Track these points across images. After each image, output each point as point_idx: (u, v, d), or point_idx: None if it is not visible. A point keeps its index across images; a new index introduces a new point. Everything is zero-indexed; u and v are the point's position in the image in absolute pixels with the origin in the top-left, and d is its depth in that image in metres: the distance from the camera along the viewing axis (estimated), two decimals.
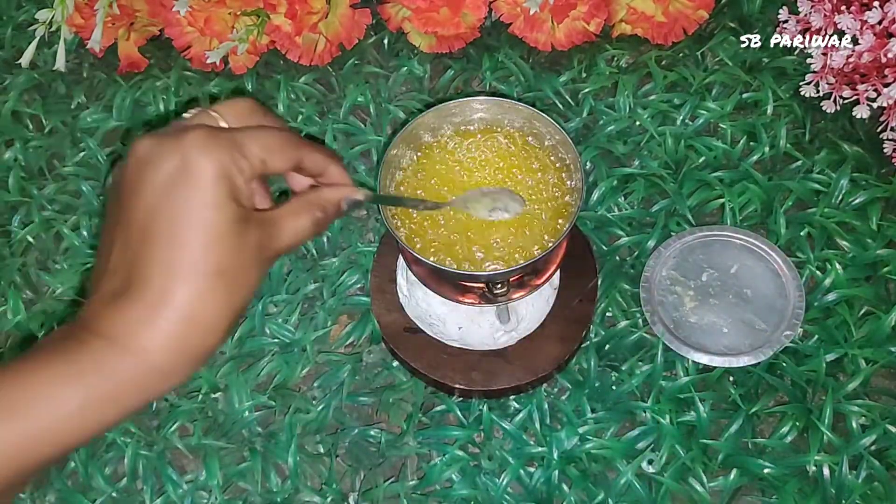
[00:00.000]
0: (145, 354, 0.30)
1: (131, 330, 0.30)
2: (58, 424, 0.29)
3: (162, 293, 0.30)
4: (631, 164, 0.66)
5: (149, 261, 0.31)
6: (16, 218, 0.67)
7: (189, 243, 0.31)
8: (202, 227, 0.31)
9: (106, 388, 0.30)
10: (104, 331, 0.30)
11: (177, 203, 0.31)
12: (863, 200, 0.61)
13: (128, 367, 0.30)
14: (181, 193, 0.31)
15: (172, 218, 0.31)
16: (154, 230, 0.31)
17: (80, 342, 0.30)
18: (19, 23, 0.80)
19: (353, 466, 0.55)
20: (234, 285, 0.32)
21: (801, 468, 0.52)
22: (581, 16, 0.69)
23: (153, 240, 0.31)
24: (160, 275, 0.30)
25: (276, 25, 0.69)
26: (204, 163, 0.31)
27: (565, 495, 0.52)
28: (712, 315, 0.58)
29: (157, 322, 0.30)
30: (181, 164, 0.31)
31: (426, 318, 0.57)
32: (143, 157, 0.32)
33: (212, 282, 0.31)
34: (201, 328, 0.31)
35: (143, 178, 0.31)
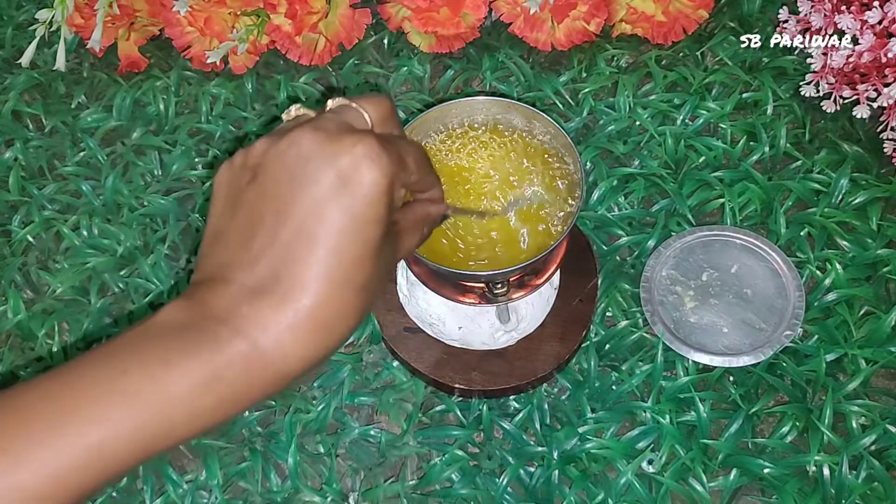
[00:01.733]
0: (283, 360, 0.30)
1: (268, 327, 0.29)
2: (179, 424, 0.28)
3: (310, 299, 0.30)
4: (631, 163, 0.66)
5: (302, 263, 0.30)
6: (16, 218, 0.67)
7: (349, 256, 0.30)
8: (364, 241, 0.30)
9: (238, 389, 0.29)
10: (244, 329, 0.29)
11: (343, 212, 0.29)
12: (863, 200, 0.61)
13: (261, 369, 0.29)
14: (349, 203, 0.30)
15: (336, 226, 0.30)
16: (313, 234, 0.30)
17: (220, 339, 0.29)
18: (19, 23, 0.80)
19: (353, 466, 0.55)
20: (369, 299, 0.32)
21: (801, 468, 0.52)
22: (581, 15, 0.69)
23: (310, 243, 0.30)
24: (312, 280, 0.29)
25: (276, 25, 0.69)
26: (377, 175, 0.30)
27: (565, 495, 0.52)
28: (712, 315, 0.58)
29: (303, 331, 0.30)
30: (353, 171, 0.30)
31: (426, 318, 0.57)
32: (309, 153, 0.30)
33: (355, 296, 0.31)
34: (331, 338, 0.31)
35: (308, 176, 0.30)
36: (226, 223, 0.33)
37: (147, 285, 0.62)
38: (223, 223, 0.33)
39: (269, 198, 0.31)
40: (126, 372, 0.28)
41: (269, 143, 0.32)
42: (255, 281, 0.30)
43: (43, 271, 0.64)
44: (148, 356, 0.28)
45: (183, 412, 0.28)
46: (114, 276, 0.63)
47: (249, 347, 0.29)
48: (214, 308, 0.30)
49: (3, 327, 0.62)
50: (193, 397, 0.28)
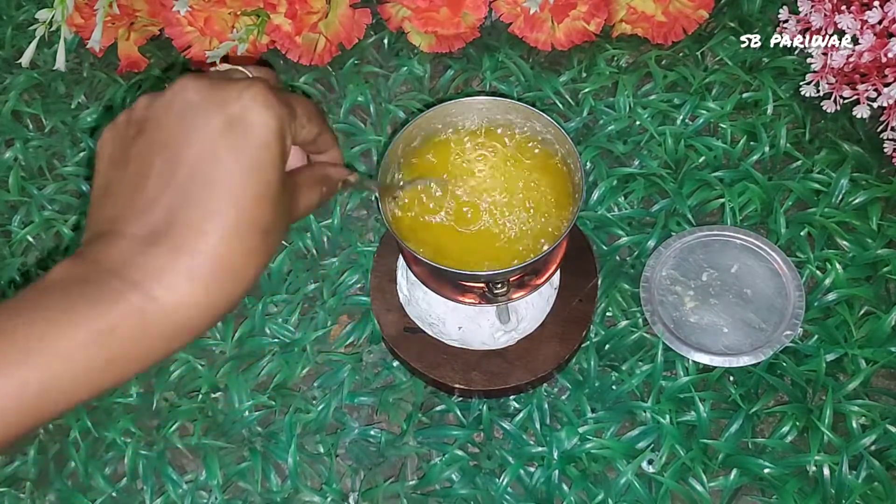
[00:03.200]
0: (185, 310, 0.29)
1: (165, 277, 0.28)
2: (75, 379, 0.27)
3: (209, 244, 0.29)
4: (631, 163, 0.66)
5: (199, 206, 0.29)
6: (16, 218, 0.67)
7: (246, 198, 0.29)
8: (260, 183, 0.30)
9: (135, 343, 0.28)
10: (138, 280, 0.28)
11: (237, 153, 0.29)
12: (863, 200, 0.61)
13: (160, 321, 0.28)
14: (243, 145, 0.29)
15: (231, 168, 0.29)
16: (208, 176, 0.29)
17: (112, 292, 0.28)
18: (19, 22, 0.80)
19: (353, 466, 0.55)
20: (272, 245, 0.31)
21: (801, 468, 0.52)
22: (581, 15, 0.69)
23: (206, 185, 0.29)
24: (210, 223, 0.29)
25: (276, 25, 0.69)
26: (267, 118, 0.30)
27: (565, 495, 0.52)
28: (712, 315, 0.58)
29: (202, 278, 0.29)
30: (243, 115, 0.30)
31: (426, 318, 0.57)
32: (197, 99, 0.30)
33: (258, 240, 0.30)
34: (237, 285, 0.30)
35: (197, 121, 0.30)
36: (114, 177, 0.32)
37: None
38: (110, 178, 0.32)
39: (157, 146, 0.30)
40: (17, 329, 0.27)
41: (151, 98, 0.32)
42: (149, 229, 0.29)
43: (43, 272, 0.64)
44: (35, 314, 0.27)
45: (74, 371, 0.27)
46: None
47: (144, 299, 0.28)
48: (106, 262, 0.29)
49: None
50: (85, 355, 0.27)
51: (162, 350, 0.29)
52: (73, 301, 0.28)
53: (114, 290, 0.28)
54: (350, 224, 0.65)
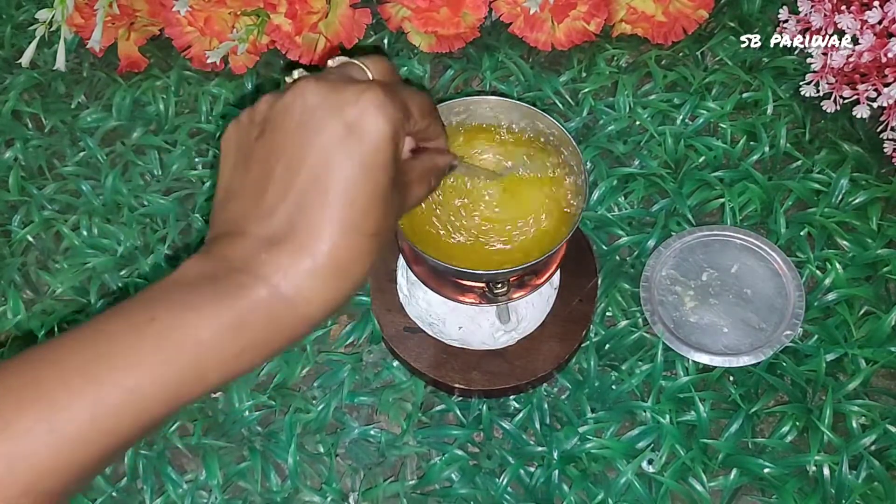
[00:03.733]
0: (306, 305, 0.30)
1: (287, 273, 0.30)
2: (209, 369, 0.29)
3: (326, 245, 0.30)
4: (631, 163, 0.66)
5: (316, 211, 0.30)
6: (16, 218, 0.67)
7: (360, 202, 0.31)
8: (373, 187, 0.31)
9: (264, 333, 0.30)
10: (264, 275, 0.30)
11: (352, 159, 0.30)
12: (863, 200, 0.61)
13: (284, 313, 0.30)
14: (358, 150, 0.30)
15: (346, 173, 0.30)
16: (324, 181, 0.30)
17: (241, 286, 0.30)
18: (19, 22, 0.80)
19: (352, 466, 0.55)
20: (380, 246, 0.32)
21: (801, 468, 0.52)
22: (581, 15, 0.69)
23: (323, 191, 0.30)
24: (326, 227, 0.30)
25: (276, 25, 0.69)
26: (382, 123, 0.31)
27: (565, 495, 0.52)
28: (712, 315, 0.58)
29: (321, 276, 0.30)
30: (359, 119, 0.30)
31: (426, 318, 0.57)
32: (317, 104, 0.31)
33: (367, 242, 0.31)
34: (349, 283, 0.32)
35: (315, 126, 0.31)
36: (237, 179, 0.33)
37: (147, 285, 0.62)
38: (234, 180, 0.34)
39: (278, 151, 0.32)
40: (154, 319, 0.29)
41: (273, 99, 0.33)
42: (272, 231, 0.31)
43: (43, 271, 0.64)
44: (173, 304, 0.29)
45: (212, 356, 0.29)
46: (114, 276, 0.63)
47: (271, 293, 0.30)
48: (233, 259, 0.31)
49: (3, 327, 0.62)
50: (222, 342, 0.29)
51: (286, 340, 0.31)
52: (206, 295, 0.30)
53: (242, 285, 0.30)
54: None
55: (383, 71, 0.35)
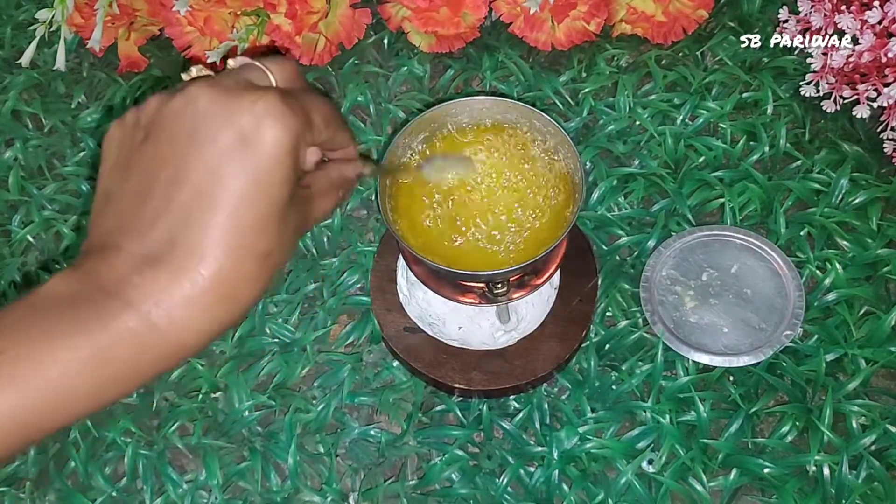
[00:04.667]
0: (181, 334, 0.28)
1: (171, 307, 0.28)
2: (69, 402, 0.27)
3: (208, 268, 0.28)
4: (631, 163, 0.66)
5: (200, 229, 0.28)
6: (16, 218, 0.67)
7: (251, 221, 0.28)
8: (267, 205, 0.29)
9: (129, 365, 0.28)
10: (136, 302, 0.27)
11: (244, 173, 0.28)
12: (863, 200, 0.61)
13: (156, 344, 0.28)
14: (250, 163, 0.28)
15: (237, 188, 0.28)
16: (211, 196, 0.28)
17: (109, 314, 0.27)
18: (19, 22, 0.80)
19: (353, 466, 0.55)
20: (273, 267, 0.30)
21: (801, 468, 0.52)
22: (581, 15, 0.69)
23: (209, 207, 0.28)
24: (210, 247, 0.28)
25: (276, 25, 0.69)
26: (279, 134, 0.28)
27: (565, 495, 0.52)
28: (712, 315, 0.58)
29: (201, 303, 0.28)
30: (254, 130, 0.28)
31: (426, 318, 0.57)
32: (207, 110, 0.28)
33: (258, 264, 0.29)
34: (235, 309, 0.29)
35: (206, 134, 0.28)
36: (117, 185, 0.30)
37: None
38: (114, 185, 0.31)
39: (163, 158, 0.29)
40: (3, 352, 0.26)
41: (163, 100, 0.30)
42: (149, 248, 0.28)
43: (43, 271, 0.64)
44: (26, 334, 0.27)
45: (68, 392, 0.27)
46: None
47: (140, 322, 0.27)
48: (103, 279, 0.28)
49: None
50: (79, 377, 0.27)
51: (155, 370, 0.29)
52: (68, 321, 0.27)
53: (109, 311, 0.27)
54: (350, 224, 0.65)
55: (287, 75, 0.32)
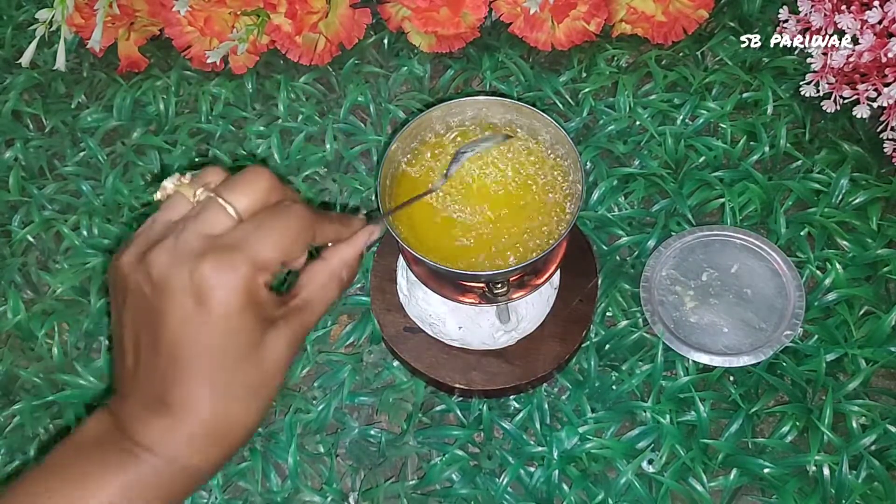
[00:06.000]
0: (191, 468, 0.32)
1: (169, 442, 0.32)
2: None
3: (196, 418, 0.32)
4: (631, 163, 0.66)
5: (181, 387, 0.31)
6: (16, 218, 0.67)
7: (224, 368, 0.32)
8: (234, 350, 0.32)
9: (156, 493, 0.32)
10: (146, 444, 0.32)
11: (204, 331, 0.31)
12: (863, 200, 0.61)
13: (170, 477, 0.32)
14: (207, 322, 0.31)
15: (202, 346, 0.31)
16: (183, 358, 0.31)
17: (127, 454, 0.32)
18: (19, 22, 0.80)
19: (353, 466, 0.55)
20: (265, 397, 0.33)
21: (801, 468, 0.52)
22: (581, 15, 0.69)
23: (183, 367, 0.31)
24: (193, 401, 0.31)
25: (276, 25, 0.69)
26: (223, 293, 0.31)
27: (565, 495, 0.52)
28: (712, 315, 0.58)
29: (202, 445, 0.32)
30: (204, 292, 0.31)
31: (426, 318, 0.57)
32: (163, 280, 0.31)
33: (242, 402, 0.32)
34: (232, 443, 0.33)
35: (166, 305, 0.31)
36: (117, 331, 0.34)
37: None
38: (115, 329, 0.35)
39: (140, 321, 0.32)
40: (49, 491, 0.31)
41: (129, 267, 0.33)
42: (147, 399, 0.32)
43: (43, 271, 0.64)
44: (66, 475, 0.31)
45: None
46: None
47: (158, 460, 0.32)
48: (120, 420, 0.33)
49: (3, 327, 0.62)
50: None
51: (175, 498, 0.33)
52: (95, 463, 0.32)
53: (130, 452, 0.32)
54: None
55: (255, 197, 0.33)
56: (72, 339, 0.61)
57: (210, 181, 0.34)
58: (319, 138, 0.69)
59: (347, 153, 0.68)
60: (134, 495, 0.31)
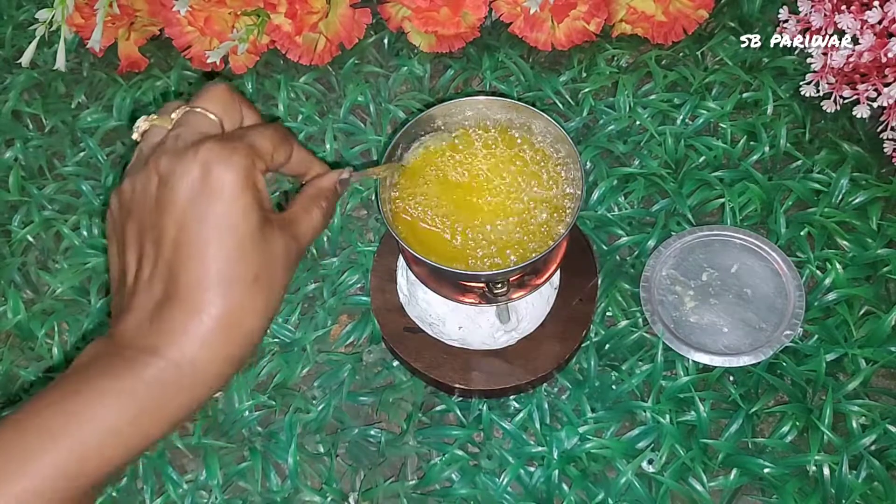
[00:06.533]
0: (190, 365, 0.31)
1: (174, 340, 0.31)
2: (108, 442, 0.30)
3: (202, 304, 0.31)
4: (631, 163, 0.66)
5: (186, 274, 0.31)
6: (16, 218, 0.67)
7: (223, 254, 0.31)
8: (234, 236, 0.32)
9: (153, 400, 0.31)
10: (146, 344, 0.31)
11: (206, 216, 0.31)
12: (863, 200, 0.61)
13: (172, 377, 0.31)
14: (209, 207, 0.31)
15: (204, 231, 0.31)
16: (187, 244, 0.31)
17: (124, 359, 0.31)
18: (19, 22, 0.80)
19: (353, 466, 0.55)
20: (269, 289, 0.33)
21: (801, 468, 0.52)
22: (581, 15, 0.69)
23: (188, 253, 0.31)
24: (199, 287, 0.31)
25: (276, 25, 0.69)
26: (226, 173, 0.31)
27: (565, 495, 0.52)
28: (712, 315, 0.58)
29: (199, 332, 0.31)
30: (204, 178, 0.31)
31: (426, 318, 0.57)
32: (164, 177, 0.32)
33: (249, 289, 0.32)
34: (241, 334, 0.32)
35: (167, 195, 0.32)
36: (120, 263, 0.35)
37: None
38: (118, 266, 0.35)
39: (144, 227, 0.33)
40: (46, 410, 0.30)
41: (133, 180, 0.34)
42: (153, 302, 0.32)
43: (43, 271, 0.64)
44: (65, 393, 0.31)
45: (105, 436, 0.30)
46: None
47: (157, 359, 0.31)
48: (120, 336, 0.32)
49: (3, 327, 0.62)
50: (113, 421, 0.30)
51: (183, 405, 0.32)
52: (94, 374, 0.31)
53: (128, 358, 0.31)
54: (350, 224, 0.65)
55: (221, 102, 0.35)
56: (72, 339, 0.61)
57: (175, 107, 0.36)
58: (319, 138, 0.69)
59: (347, 153, 0.68)
60: (136, 400, 0.30)
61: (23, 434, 0.30)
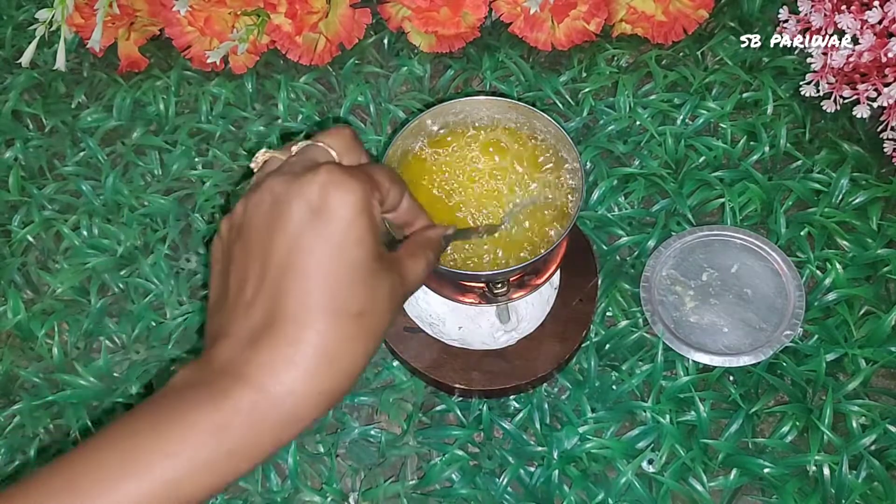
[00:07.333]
0: (293, 399, 0.30)
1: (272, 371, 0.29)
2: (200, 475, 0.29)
3: (304, 333, 0.30)
4: (631, 163, 0.66)
5: (290, 299, 0.30)
6: (16, 218, 0.67)
7: (332, 281, 0.30)
8: (346, 264, 0.30)
9: (247, 437, 0.29)
10: (243, 373, 0.30)
11: (322, 239, 0.30)
12: (863, 200, 0.61)
13: (268, 411, 0.29)
14: (326, 230, 0.30)
15: (316, 254, 0.30)
16: (297, 267, 0.30)
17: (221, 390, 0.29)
18: (19, 22, 0.80)
19: (353, 466, 0.55)
20: (372, 328, 0.31)
21: (801, 468, 0.52)
22: (581, 15, 0.69)
23: (297, 276, 0.30)
24: (302, 314, 0.30)
25: (276, 25, 0.69)
26: (344, 198, 0.30)
27: (565, 495, 0.52)
28: (712, 315, 0.58)
29: (298, 363, 0.30)
30: (323, 200, 0.30)
31: (426, 318, 0.57)
32: (279, 196, 0.31)
33: (353, 323, 0.31)
34: (340, 369, 0.31)
35: (281, 216, 0.31)
36: (222, 286, 0.34)
37: (147, 285, 0.62)
38: (220, 289, 0.34)
39: (253, 248, 0.32)
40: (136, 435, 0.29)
41: (245, 201, 0.33)
42: (253, 326, 0.30)
43: (43, 271, 0.64)
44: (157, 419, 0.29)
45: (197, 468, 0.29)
46: (114, 276, 0.63)
47: (253, 392, 0.29)
48: (216, 363, 0.31)
49: (3, 327, 0.62)
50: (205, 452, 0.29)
51: (276, 439, 0.30)
52: (190, 404, 0.29)
53: (224, 389, 0.29)
54: None
55: (345, 144, 0.35)
56: (72, 339, 0.61)
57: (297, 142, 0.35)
58: None
59: None
60: (230, 433, 0.29)
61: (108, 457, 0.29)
